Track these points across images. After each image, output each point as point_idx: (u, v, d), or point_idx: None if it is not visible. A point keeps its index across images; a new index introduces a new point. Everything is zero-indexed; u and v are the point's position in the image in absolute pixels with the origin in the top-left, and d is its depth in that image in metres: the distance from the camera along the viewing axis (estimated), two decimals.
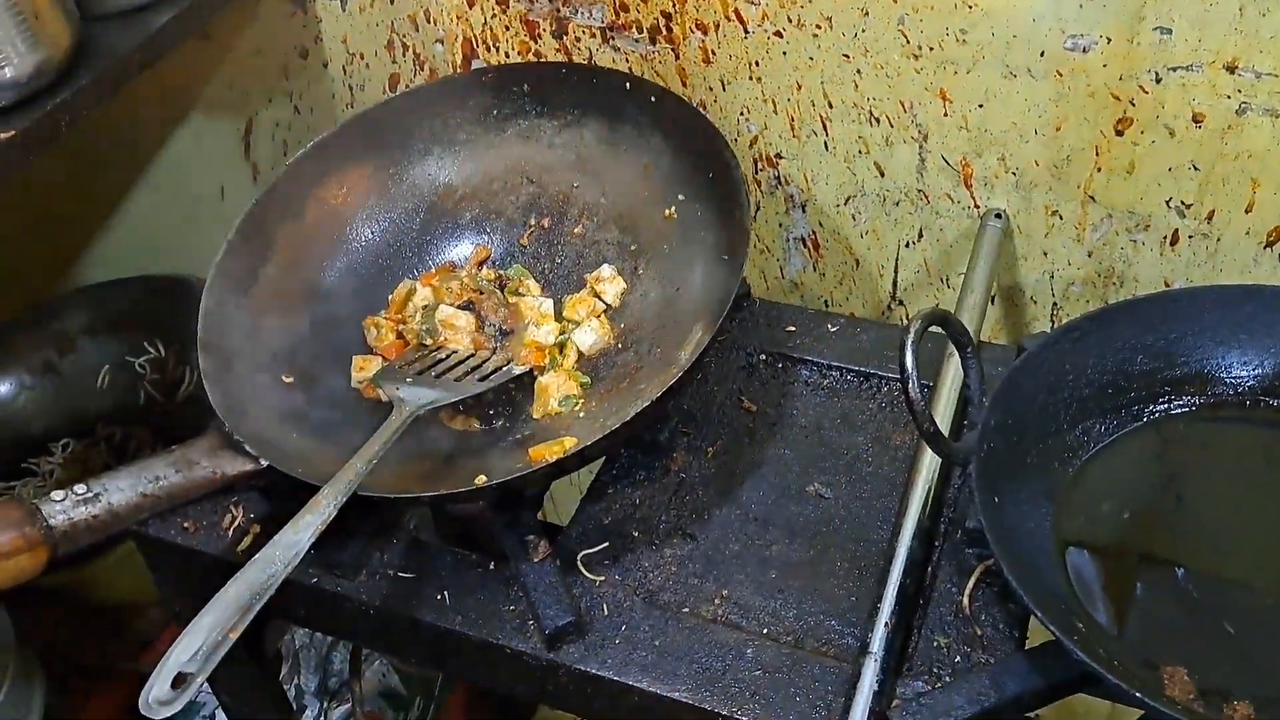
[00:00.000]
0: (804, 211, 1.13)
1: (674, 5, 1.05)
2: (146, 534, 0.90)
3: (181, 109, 1.29)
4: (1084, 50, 0.90)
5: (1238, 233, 0.93)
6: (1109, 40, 0.89)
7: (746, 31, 1.03)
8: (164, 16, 1.06)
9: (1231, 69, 0.86)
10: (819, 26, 0.99)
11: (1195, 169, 0.92)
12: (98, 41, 1.01)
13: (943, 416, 0.83)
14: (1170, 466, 0.78)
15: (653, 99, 0.99)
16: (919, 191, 1.05)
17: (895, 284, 1.14)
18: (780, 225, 1.15)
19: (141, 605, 1.50)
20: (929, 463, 0.81)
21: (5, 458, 1.34)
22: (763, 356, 0.97)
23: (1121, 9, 0.87)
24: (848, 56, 1.00)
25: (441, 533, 0.95)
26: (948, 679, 0.71)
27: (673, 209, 0.98)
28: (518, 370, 0.93)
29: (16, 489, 1.31)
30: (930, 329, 0.71)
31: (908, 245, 1.10)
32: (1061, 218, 1.00)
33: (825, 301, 1.18)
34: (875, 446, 0.88)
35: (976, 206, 1.03)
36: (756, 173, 1.12)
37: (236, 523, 0.90)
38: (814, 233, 1.14)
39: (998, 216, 1.01)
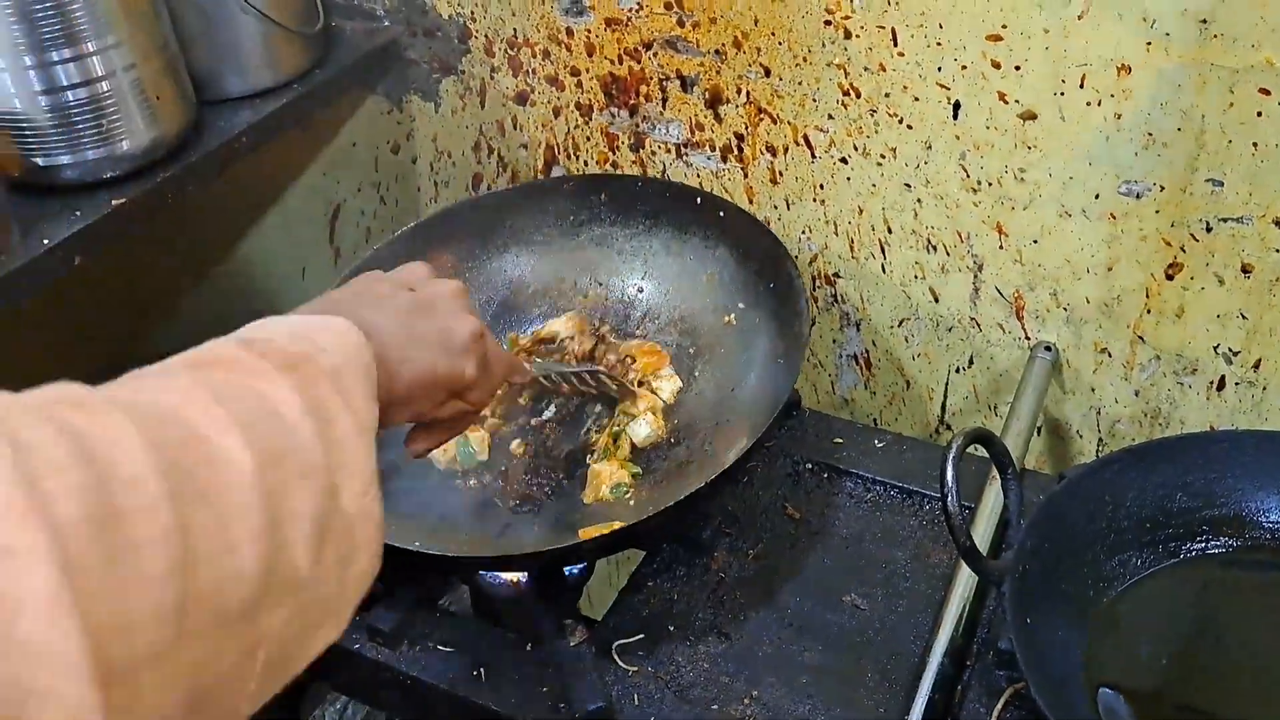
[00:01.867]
0: (858, 330, 1.16)
1: (746, 128, 1.11)
2: None
3: (276, 191, 1.37)
4: (1137, 196, 0.94)
5: None
6: (1162, 188, 0.92)
7: (814, 157, 1.08)
8: (272, 105, 1.14)
9: None
10: (883, 156, 1.04)
11: (1243, 317, 0.94)
12: (210, 124, 1.09)
13: (982, 537, 0.85)
14: (1205, 609, 0.79)
15: (721, 214, 1.05)
16: (971, 319, 1.08)
17: (944, 407, 1.16)
18: (834, 342, 1.19)
19: None
20: (965, 581, 0.82)
21: None
22: (809, 466, 0.99)
23: (1175, 159, 0.90)
24: (909, 186, 1.04)
25: (478, 613, 0.98)
26: None
27: (732, 316, 1.03)
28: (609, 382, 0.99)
29: None
30: (974, 449, 0.74)
31: (958, 370, 1.12)
32: (1110, 355, 1.03)
33: (874, 419, 1.20)
34: (914, 562, 0.90)
35: (1027, 338, 1.06)
36: (814, 289, 1.16)
37: None
38: (867, 351, 1.17)
39: (1047, 349, 1.04)
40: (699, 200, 1.07)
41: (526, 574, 0.91)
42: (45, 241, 0.96)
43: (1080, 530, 0.78)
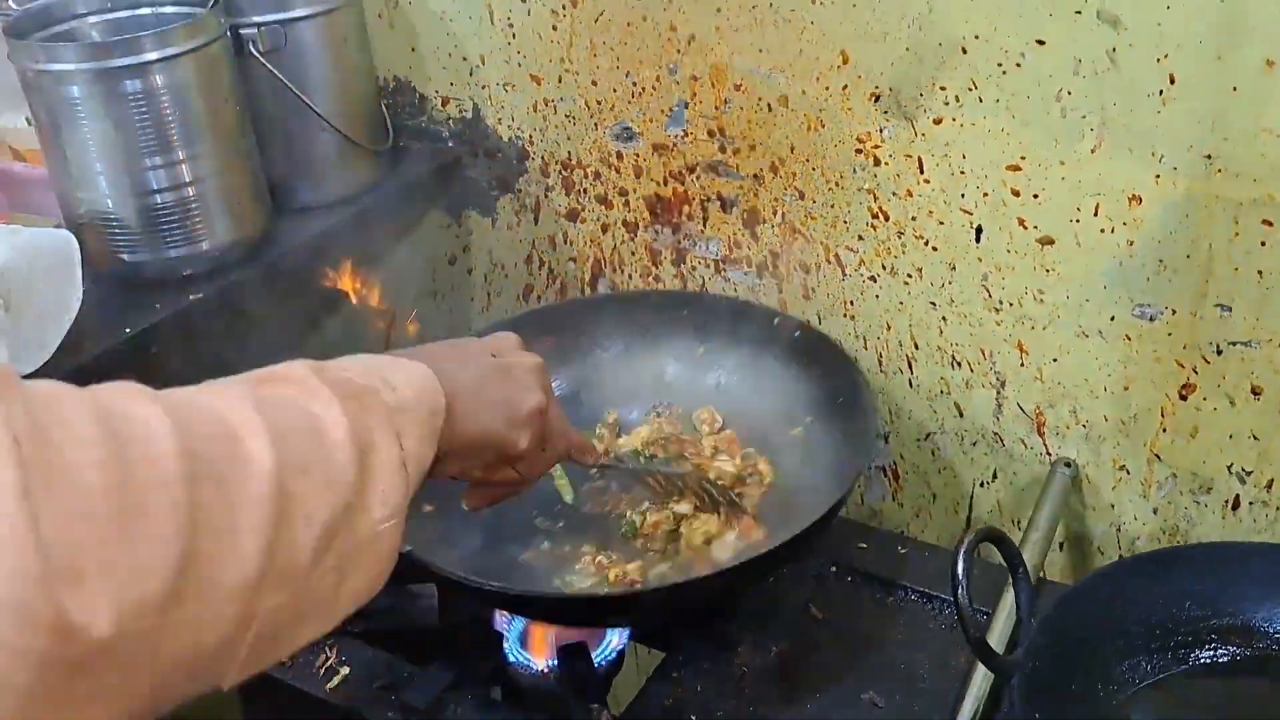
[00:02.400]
0: (887, 443, 1.21)
1: (781, 246, 1.17)
2: None
3: (340, 297, 1.45)
4: (1150, 319, 0.98)
5: None
6: (1174, 311, 0.97)
7: (844, 274, 1.15)
8: (342, 215, 1.23)
9: None
10: (910, 276, 1.10)
11: (1255, 438, 0.98)
12: (284, 230, 1.18)
13: (998, 638, 0.87)
14: (1213, 717, 0.81)
15: (796, 334, 1.13)
16: (995, 434, 1.13)
17: (969, 521, 1.19)
18: None
19: None
20: (980, 681, 0.85)
21: None
22: (834, 569, 1.03)
23: (1185, 285, 0.95)
24: (934, 304, 1.10)
25: (506, 699, 1.01)
26: None
27: (800, 429, 1.08)
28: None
29: None
30: (996, 558, 0.77)
31: (982, 485, 1.16)
32: (1128, 472, 1.06)
33: (902, 530, 1.24)
34: (933, 664, 0.93)
35: (1049, 453, 1.10)
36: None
37: (329, 662, 0.98)
38: (895, 464, 1.21)
39: (1067, 465, 1.07)
40: (775, 320, 1.15)
41: (557, 659, 0.95)
42: (127, 330, 1.04)
43: (1092, 632, 0.81)
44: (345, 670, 0.97)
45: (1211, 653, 0.83)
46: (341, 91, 1.20)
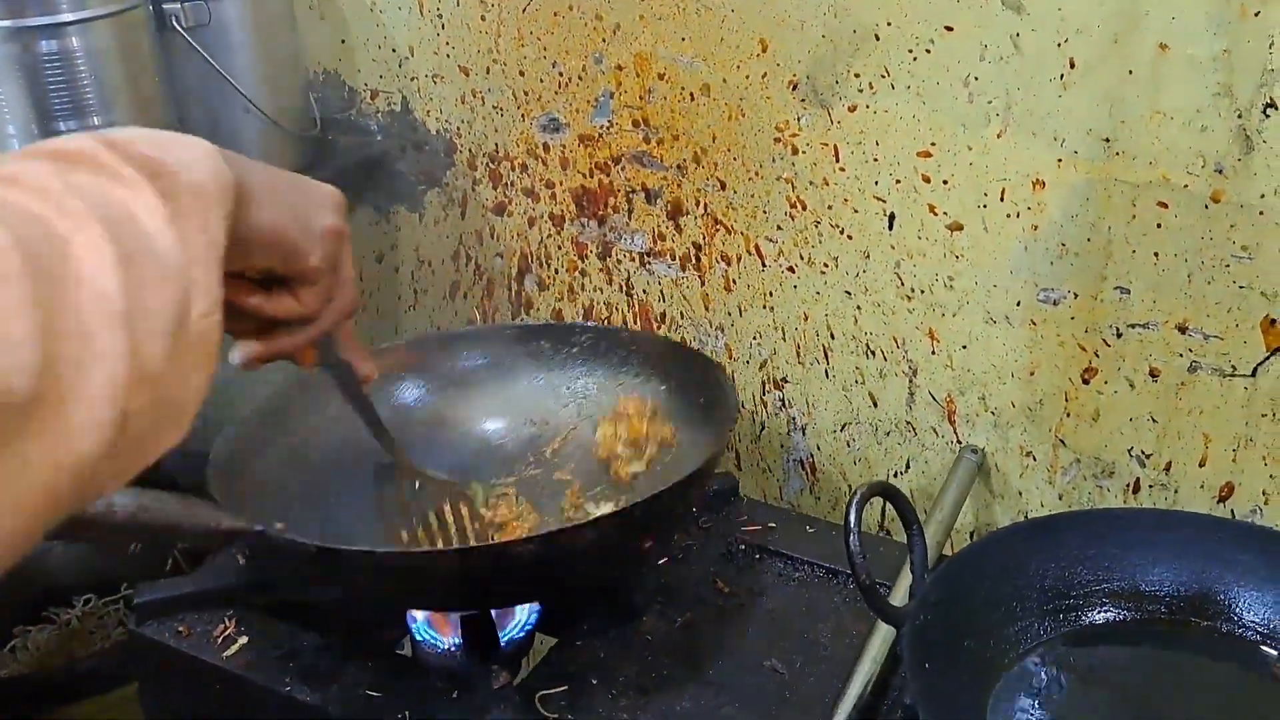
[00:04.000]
0: (804, 435, 1.22)
1: (704, 238, 1.19)
2: (143, 633, 0.96)
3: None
4: (1054, 303, 1.01)
5: (1193, 485, 1.00)
6: (1075, 295, 0.99)
7: (764, 265, 1.16)
8: None
9: (1183, 329, 0.96)
10: (826, 265, 1.12)
11: (1154, 421, 1.00)
12: None
13: (899, 602, 0.88)
14: (1101, 678, 0.82)
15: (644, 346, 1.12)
16: (907, 424, 1.14)
17: (884, 513, 1.20)
18: (782, 447, 1.24)
19: None
20: (880, 642, 0.85)
21: (30, 603, 1.42)
22: (742, 547, 1.03)
23: (1086, 268, 0.98)
24: (849, 294, 1.12)
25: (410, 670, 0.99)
26: None
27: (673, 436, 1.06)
28: None
29: (31, 633, 1.40)
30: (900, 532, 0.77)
31: (895, 475, 1.17)
32: (1035, 459, 1.08)
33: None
34: (834, 634, 0.93)
35: (959, 442, 1.12)
36: (764, 394, 1.22)
37: (227, 632, 0.96)
38: (812, 456, 1.22)
39: (974, 452, 1.09)
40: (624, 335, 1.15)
41: (460, 631, 0.94)
42: None
43: (985, 592, 0.81)
44: (243, 639, 0.95)
45: (1102, 616, 0.84)
46: (267, 75, 1.21)
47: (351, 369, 0.82)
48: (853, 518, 0.74)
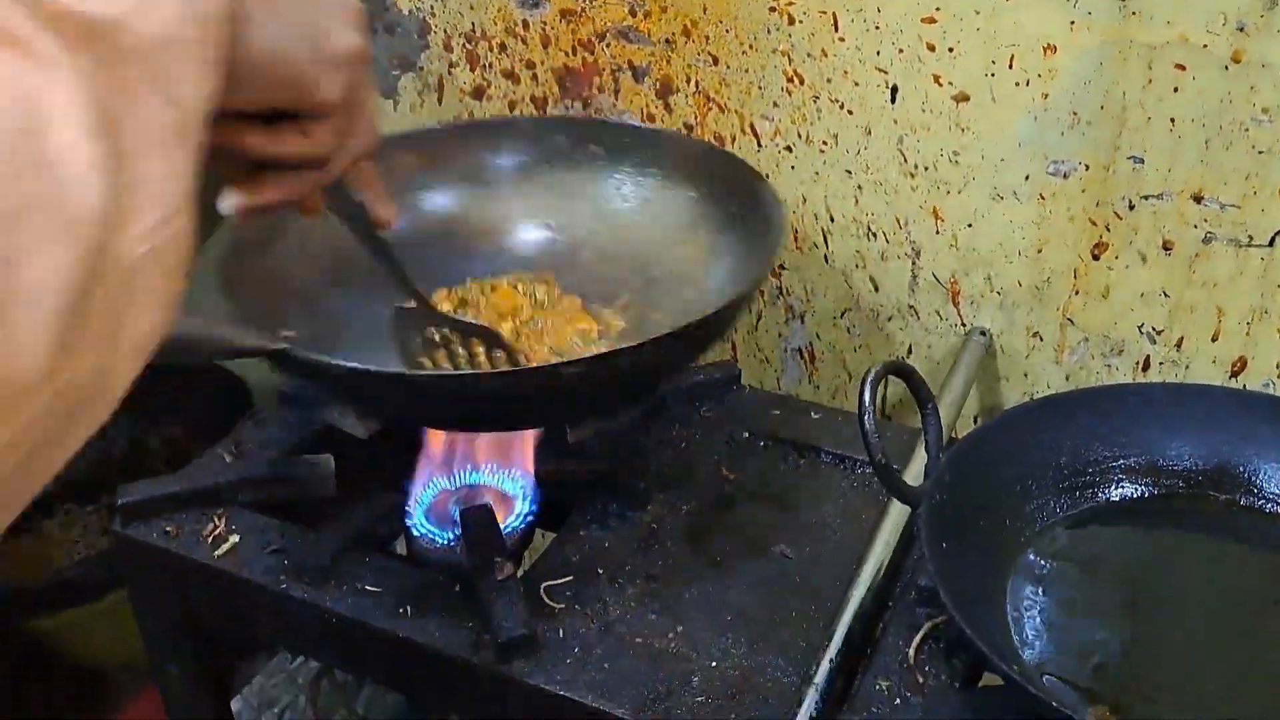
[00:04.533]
0: (803, 323, 1.19)
1: (696, 118, 1.14)
2: (129, 535, 0.93)
3: None
4: (1064, 176, 0.97)
5: (1205, 361, 0.98)
6: (1087, 167, 0.96)
7: (760, 145, 1.12)
8: None
9: (1198, 199, 0.92)
10: (825, 144, 1.08)
11: (1166, 295, 0.97)
12: None
13: (913, 479, 0.86)
14: (1122, 556, 0.80)
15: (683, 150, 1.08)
16: (910, 308, 1.11)
17: (884, 400, 1.18)
18: (780, 336, 1.21)
19: (114, 671, 1.50)
20: (892, 525, 0.83)
21: None
22: (746, 434, 1.01)
23: (1099, 138, 0.94)
24: (850, 173, 1.08)
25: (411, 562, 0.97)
26: (886, 715, 0.72)
27: (696, 245, 1.03)
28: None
29: (9, 542, 1.36)
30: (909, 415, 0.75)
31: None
32: (1042, 339, 1.05)
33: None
34: (844, 519, 0.91)
35: (964, 325, 1.09)
36: (761, 281, 1.18)
37: (217, 531, 0.93)
38: (811, 344, 1.19)
39: (982, 334, 1.06)
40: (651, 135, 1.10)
41: (459, 522, 0.91)
42: None
43: (1000, 469, 0.79)
44: (235, 539, 0.92)
45: (1120, 492, 0.82)
46: None
47: (366, 213, 0.73)
48: (867, 396, 0.71)
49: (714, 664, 0.78)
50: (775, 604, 0.83)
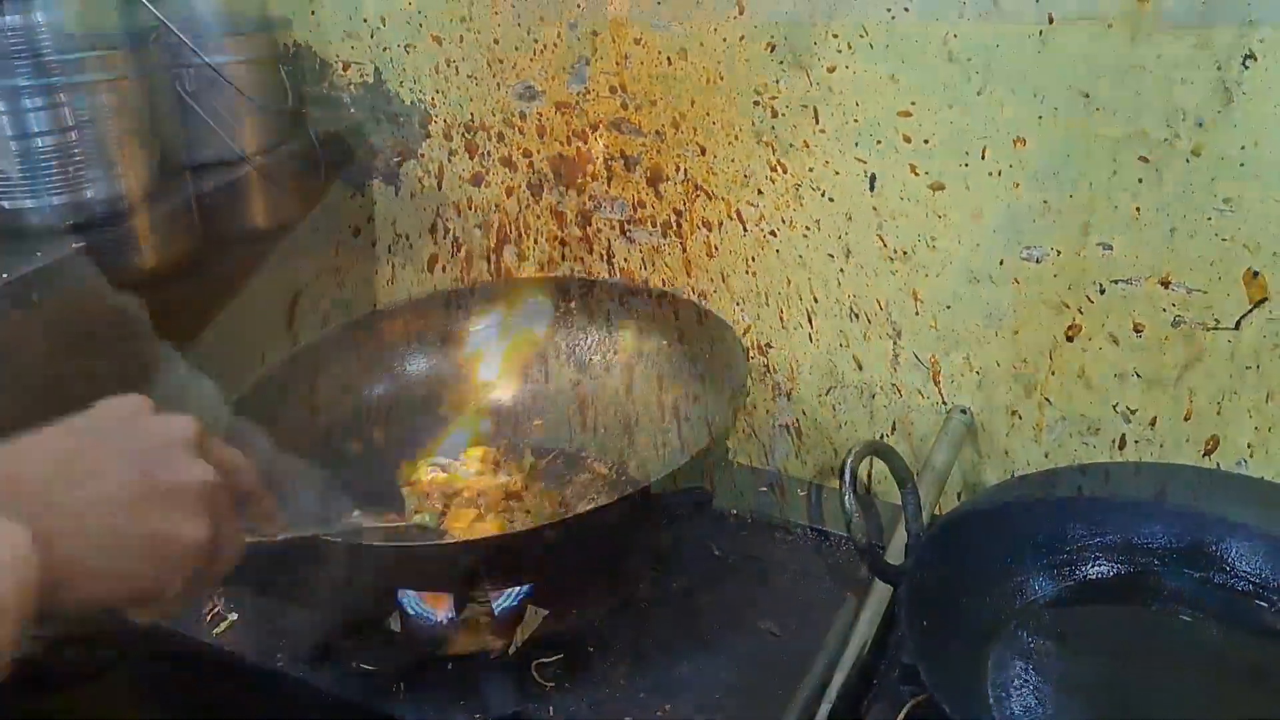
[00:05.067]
0: (789, 400, 1.21)
1: (684, 204, 1.18)
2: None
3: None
4: (1037, 260, 1.01)
5: (1179, 439, 1.01)
6: (1059, 252, 1.00)
7: (745, 230, 1.16)
8: (238, 173, 1.21)
9: (1166, 284, 0.96)
10: (808, 228, 1.12)
11: (1138, 376, 1.01)
12: (176, 186, 1.16)
13: (894, 557, 0.88)
14: (1097, 633, 0.82)
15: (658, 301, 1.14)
16: (893, 385, 1.14)
17: (870, 476, 1.20)
18: (768, 412, 1.24)
19: None
20: (876, 605, 0.85)
21: None
22: (734, 512, 1.03)
23: (1069, 224, 0.98)
24: (832, 256, 1.11)
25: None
26: None
27: (671, 394, 1.08)
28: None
29: None
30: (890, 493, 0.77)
31: (882, 438, 1.17)
32: (1020, 418, 1.08)
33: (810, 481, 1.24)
34: (828, 597, 0.93)
35: (945, 403, 1.12)
36: (748, 360, 1.22)
37: (215, 609, 0.95)
38: (798, 421, 1.22)
39: (963, 412, 1.09)
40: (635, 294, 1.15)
41: (453, 604, 0.93)
42: (4, 275, 1.00)
43: (980, 547, 0.82)
44: (233, 616, 0.94)
45: (1097, 569, 0.84)
46: (235, 46, 1.19)
47: None
48: (847, 477, 0.74)
49: None
50: (762, 681, 0.85)
